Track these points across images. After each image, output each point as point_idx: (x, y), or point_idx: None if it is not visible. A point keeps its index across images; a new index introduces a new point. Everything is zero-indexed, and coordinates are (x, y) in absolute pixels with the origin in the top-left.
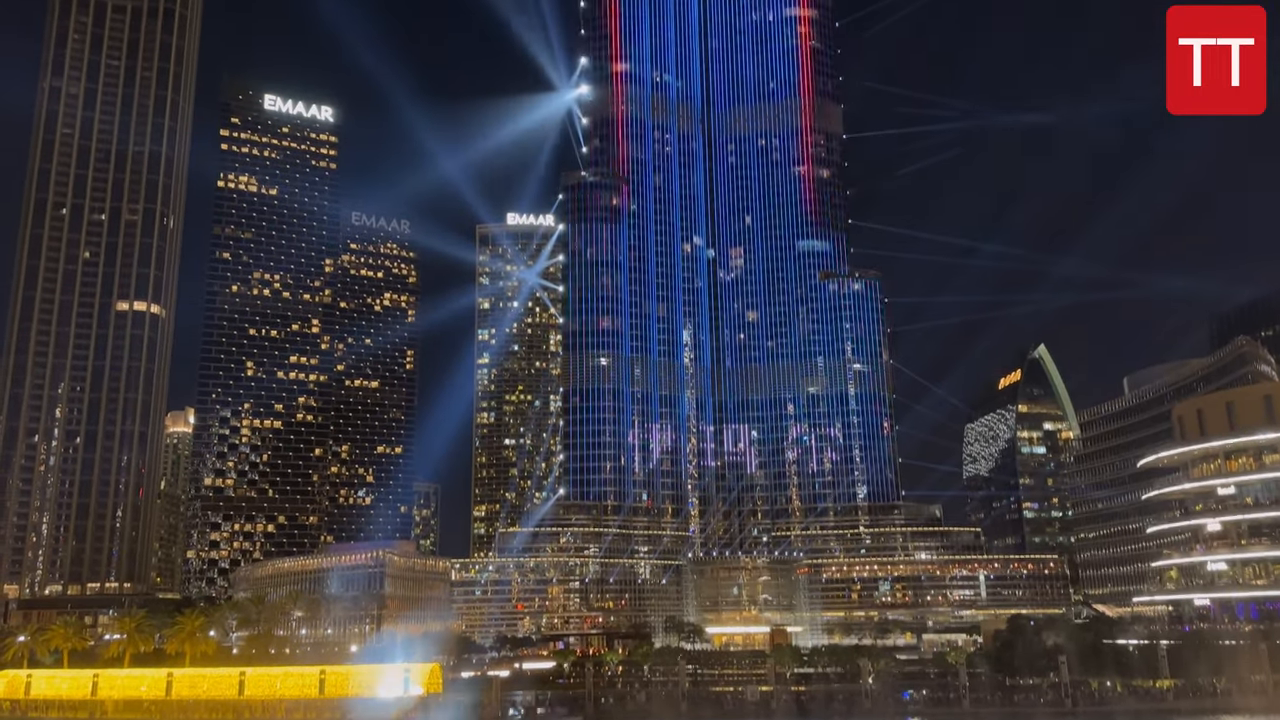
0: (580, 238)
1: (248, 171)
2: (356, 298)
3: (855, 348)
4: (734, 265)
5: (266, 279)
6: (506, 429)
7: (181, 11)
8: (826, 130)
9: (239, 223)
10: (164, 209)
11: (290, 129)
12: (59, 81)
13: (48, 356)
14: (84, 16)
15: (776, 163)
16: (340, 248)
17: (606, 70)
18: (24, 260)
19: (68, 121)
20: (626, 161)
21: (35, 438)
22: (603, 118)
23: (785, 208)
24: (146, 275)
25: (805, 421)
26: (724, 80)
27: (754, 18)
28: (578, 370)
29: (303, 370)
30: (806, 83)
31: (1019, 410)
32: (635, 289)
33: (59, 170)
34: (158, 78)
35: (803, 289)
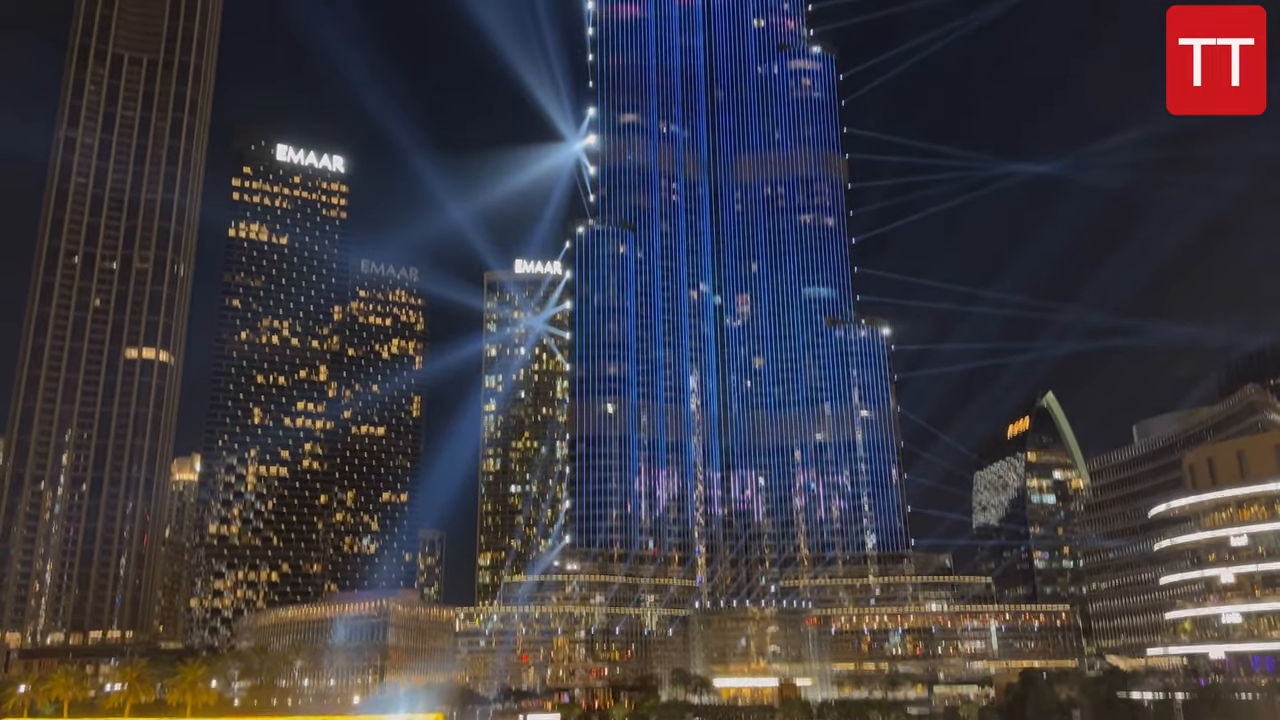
0: (588, 284)
1: (259, 220)
2: (364, 345)
3: (862, 394)
4: (740, 312)
5: (275, 326)
6: (513, 476)
7: (196, 64)
8: (831, 179)
9: (249, 270)
10: (175, 257)
11: (302, 178)
12: (74, 132)
13: (55, 403)
14: (100, 69)
15: (782, 210)
16: (349, 295)
17: (614, 121)
18: (35, 308)
19: (82, 171)
20: (634, 209)
21: (41, 484)
22: (610, 167)
23: (791, 255)
24: (156, 323)
25: (813, 468)
26: (730, 130)
27: (759, 70)
28: (584, 417)
29: (309, 417)
30: (811, 133)
31: (1028, 458)
32: (642, 335)
33: (72, 219)
34: (171, 128)
35: (809, 335)
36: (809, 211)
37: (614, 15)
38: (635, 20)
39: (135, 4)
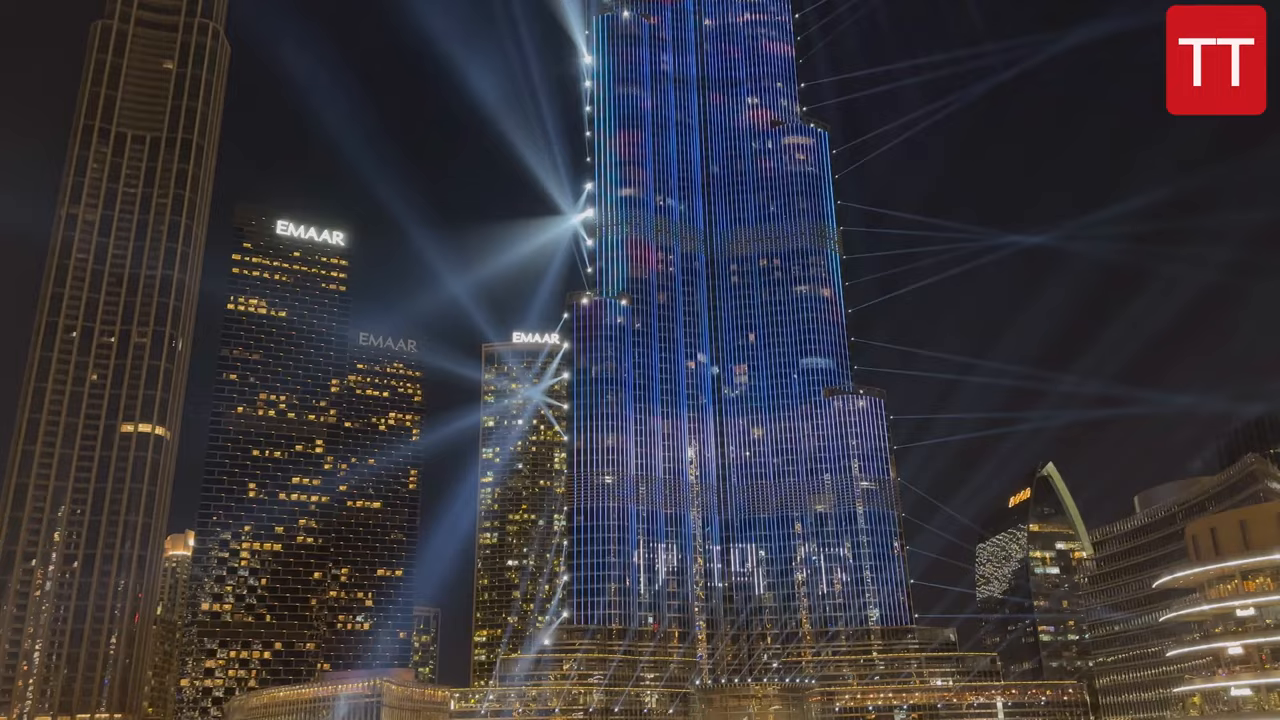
0: (585, 356)
1: (258, 294)
2: (361, 417)
3: (862, 465)
4: (738, 382)
5: (272, 400)
6: (509, 550)
7: (199, 141)
8: (826, 251)
9: (247, 345)
10: (173, 331)
11: (301, 253)
12: (76, 208)
13: (49, 479)
14: (104, 147)
15: (778, 282)
16: (347, 368)
17: (611, 195)
18: (31, 382)
19: (82, 247)
20: (631, 281)
21: (33, 562)
22: (608, 239)
23: (788, 326)
24: (153, 397)
25: (814, 541)
26: (726, 203)
27: (754, 146)
28: (582, 488)
29: (305, 491)
30: (805, 206)
31: (1030, 529)
32: (640, 406)
33: (71, 294)
34: (173, 204)
35: (807, 406)
36: (805, 283)
37: (611, 94)
38: (632, 98)
39: (140, 83)
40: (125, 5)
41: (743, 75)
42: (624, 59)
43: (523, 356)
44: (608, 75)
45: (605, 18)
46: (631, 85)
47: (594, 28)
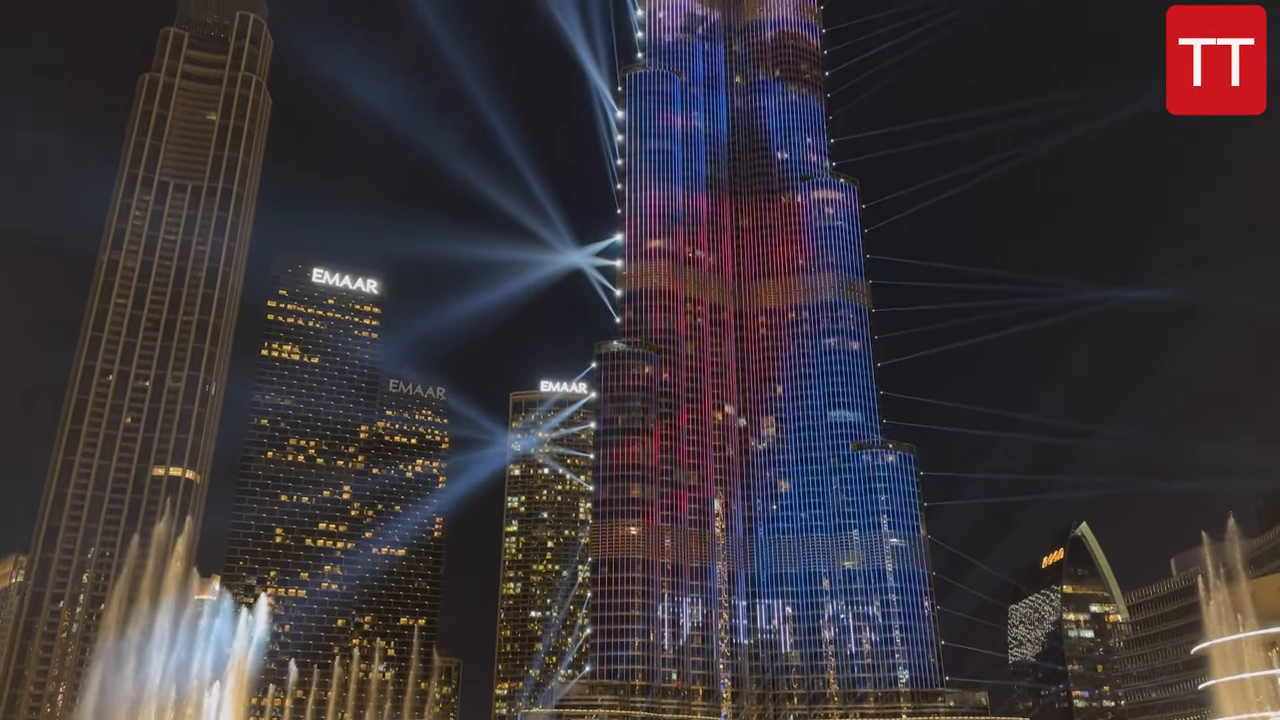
0: (612, 405)
1: (292, 341)
2: (389, 464)
3: (891, 521)
4: (765, 434)
5: (302, 445)
6: (533, 601)
7: (239, 191)
8: (855, 305)
9: (279, 390)
10: (208, 376)
11: (336, 300)
12: (117, 254)
13: (80, 521)
14: (146, 195)
15: (807, 334)
16: (376, 415)
17: (640, 246)
18: (67, 424)
19: (121, 292)
20: (659, 331)
21: (60, 604)
22: (636, 289)
23: (816, 379)
24: (185, 441)
25: (842, 598)
26: (754, 255)
27: (783, 199)
28: (607, 540)
29: (331, 538)
30: (834, 259)
31: (1064, 591)
32: (666, 457)
33: (109, 337)
34: (211, 251)
35: (835, 459)
36: (834, 335)
37: (642, 147)
38: (662, 152)
39: (184, 134)
40: (173, 59)
41: (773, 129)
42: (654, 114)
43: (550, 405)
44: (638, 129)
45: (636, 74)
46: (662, 139)
47: (626, 84)
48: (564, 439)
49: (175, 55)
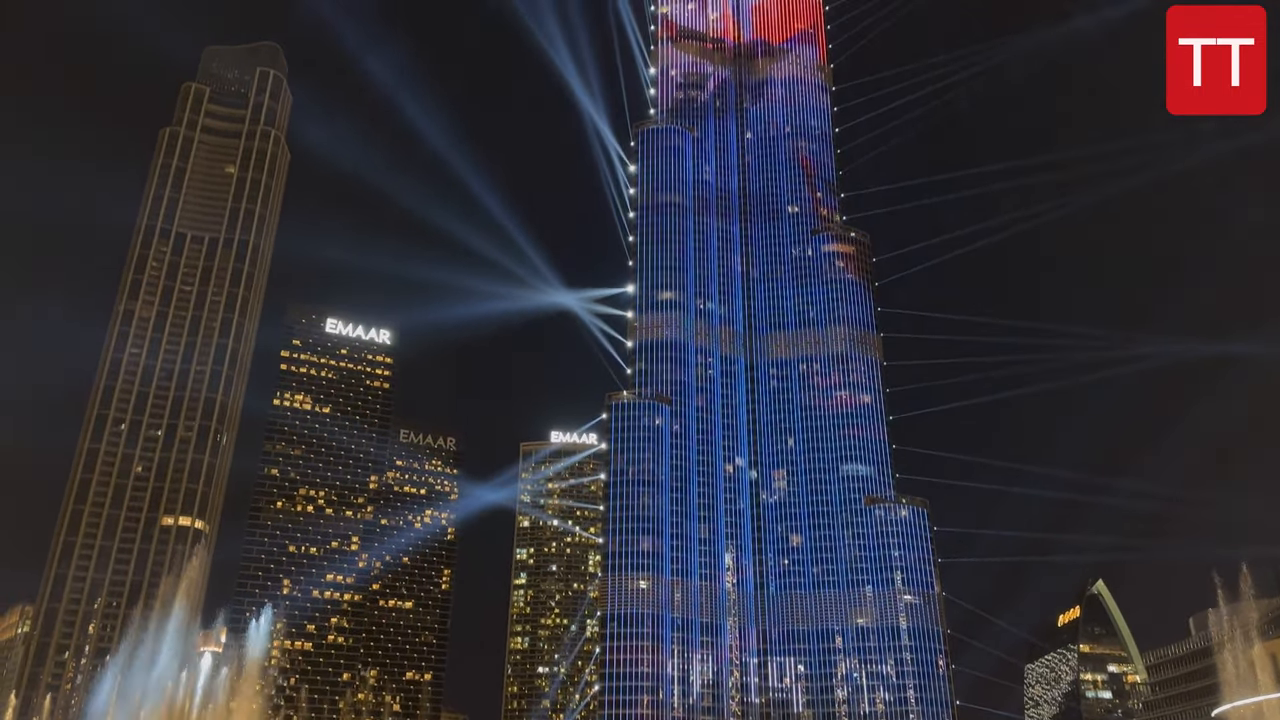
0: (623, 457)
1: (304, 390)
2: (398, 515)
3: (905, 577)
4: (777, 487)
5: (311, 495)
6: (540, 656)
7: (255, 242)
8: (867, 357)
9: (290, 439)
10: (219, 426)
11: (349, 350)
12: (133, 304)
13: (88, 571)
14: (164, 246)
15: (818, 386)
16: (386, 465)
17: (652, 297)
18: (78, 473)
19: (136, 342)
20: (670, 383)
21: (65, 654)
22: (647, 341)
23: (827, 431)
24: (195, 491)
25: (855, 656)
26: (765, 307)
27: (794, 252)
28: (616, 593)
29: (338, 589)
30: (845, 312)
31: (1081, 650)
32: (676, 510)
33: (123, 387)
34: (226, 301)
35: (848, 514)
36: (845, 388)
37: (653, 201)
38: (674, 205)
39: (202, 186)
40: (193, 114)
41: (783, 183)
42: (666, 168)
43: (560, 456)
44: (650, 183)
45: (649, 130)
46: (673, 193)
47: (638, 138)
48: (573, 490)
49: (196, 110)
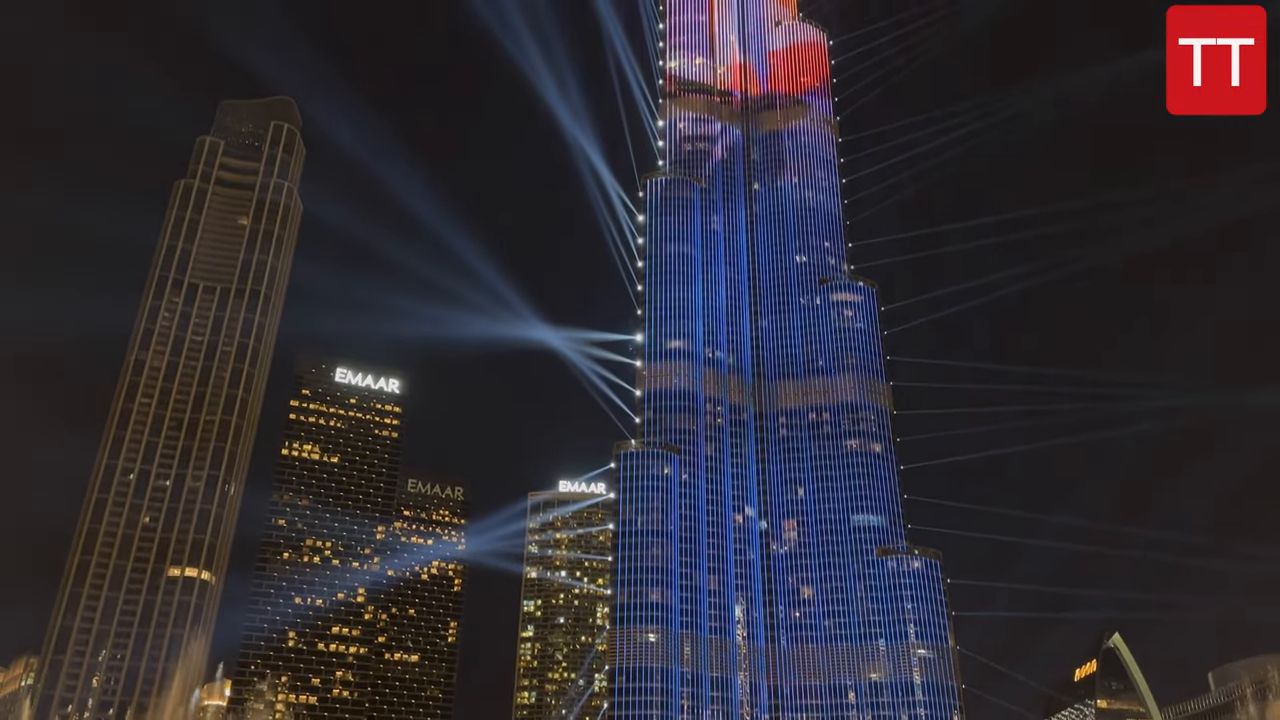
0: (631, 507)
1: (313, 440)
2: (405, 565)
3: (918, 631)
4: (787, 538)
5: (318, 546)
6: (548, 710)
7: (266, 292)
8: (876, 406)
9: (298, 490)
10: (227, 476)
11: (358, 399)
12: (144, 355)
13: (93, 622)
14: (176, 297)
15: (828, 436)
16: (394, 514)
17: (660, 346)
18: (85, 524)
19: (147, 391)
20: (678, 432)
21: (69, 708)
22: (655, 389)
23: (838, 480)
24: (202, 541)
25: (869, 712)
26: (774, 356)
27: (802, 301)
28: (625, 647)
29: (344, 642)
30: (854, 361)
31: (1098, 705)
32: (686, 561)
33: (132, 437)
34: (236, 352)
35: (859, 565)
36: (855, 437)
37: (662, 251)
38: (682, 255)
39: (215, 238)
40: (207, 166)
41: (790, 234)
42: (674, 219)
43: (568, 505)
44: (659, 234)
45: (657, 181)
46: (682, 243)
47: (646, 189)
48: (581, 541)
49: (210, 162)
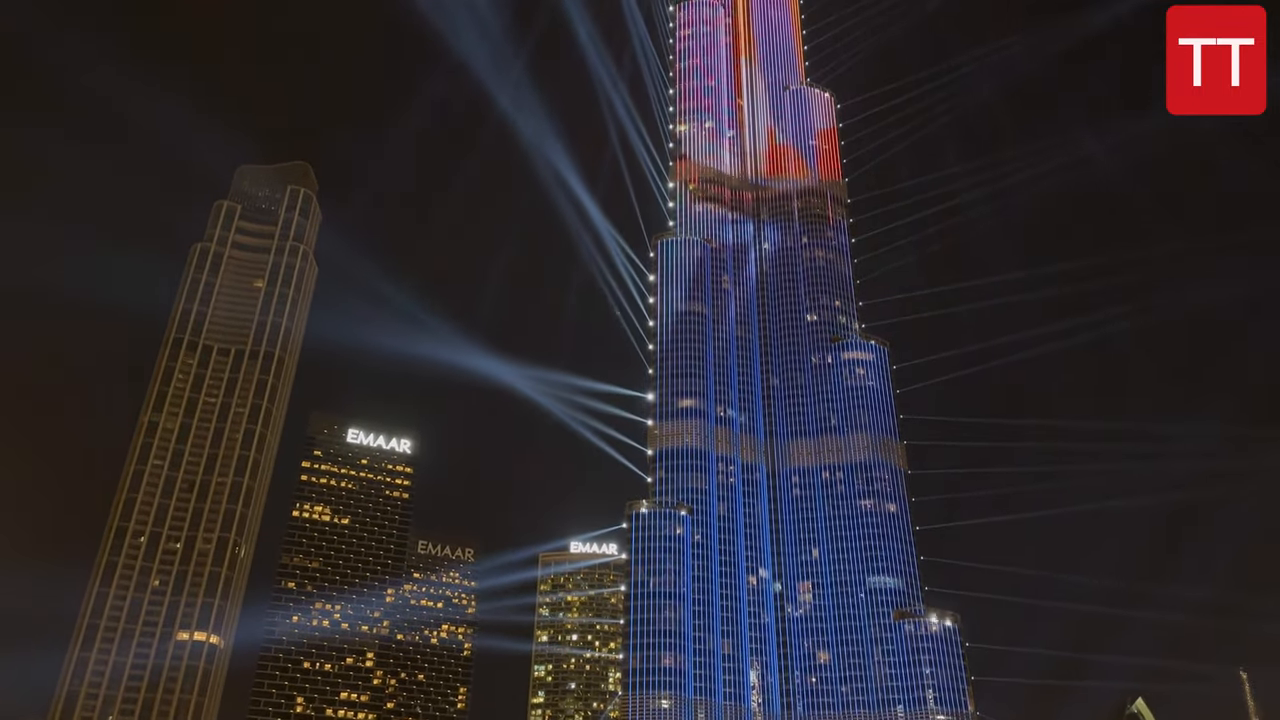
0: (643, 568)
1: (324, 502)
2: (414, 629)
3: (938, 697)
4: (802, 601)
5: (327, 609)
6: None
7: (280, 355)
8: (890, 465)
9: (307, 552)
10: (238, 539)
11: (369, 460)
12: (157, 416)
13: (100, 687)
14: (190, 359)
15: (841, 495)
16: (404, 577)
17: (672, 405)
18: (95, 587)
19: (159, 454)
20: (691, 492)
21: None
22: (667, 449)
23: (853, 541)
24: (211, 605)
25: None
26: (786, 415)
27: (814, 360)
28: (637, 713)
29: (352, 707)
30: (867, 420)
31: None
32: (699, 624)
33: (144, 500)
34: (250, 414)
35: (876, 629)
36: (869, 497)
37: (673, 310)
38: (694, 315)
39: (231, 300)
40: (224, 230)
41: (801, 293)
42: (686, 278)
43: (580, 567)
44: (670, 293)
45: (669, 241)
46: (693, 303)
47: (657, 249)
48: (593, 603)
49: (227, 226)
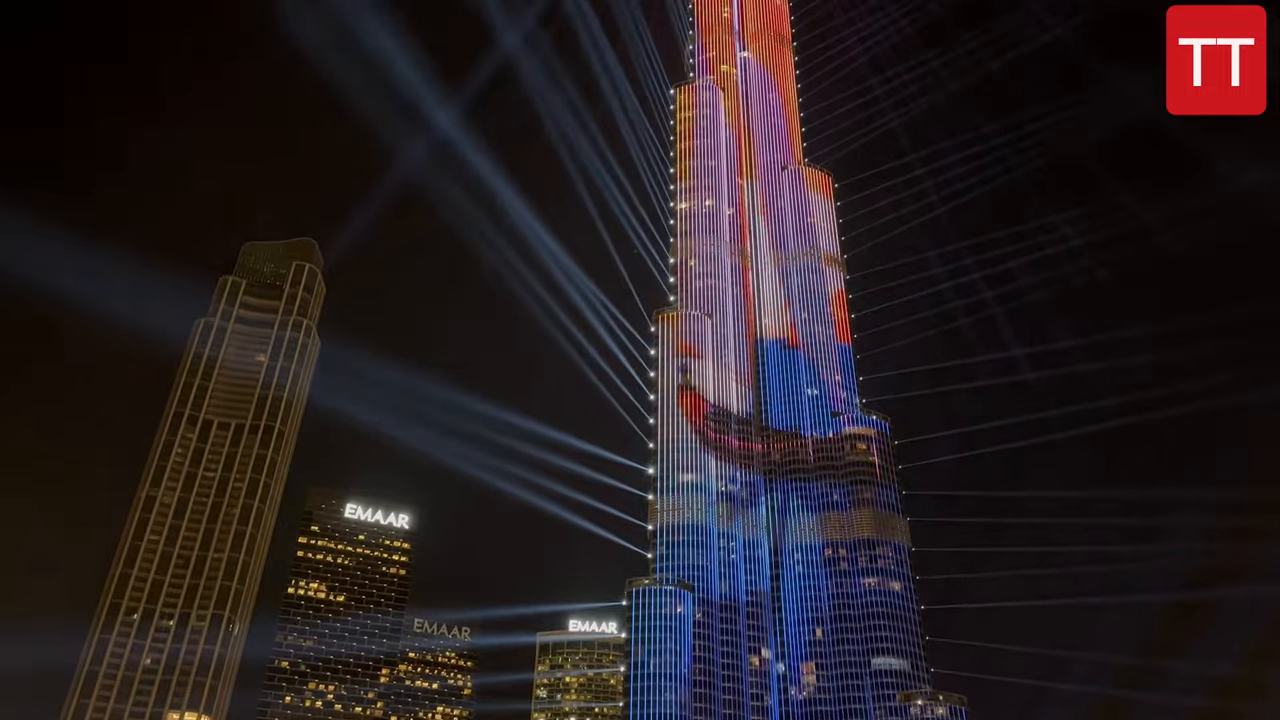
0: (643, 648)
1: (319, 578)
2: (409, 710)
3: None
4: (806, 682)
5: (321, 689)
6: None
7: (280, 429)
8: (894, 542)
9: (302, 630)
10: (232, 615)
11: (366, 535)
12: (155, 491)
13: None
14: (190, 433)
15: (845, 573)
16: (398, 657)
17: (672, 480)
18: (85, 666)
19: (155, 529)
20: (692, 568)
21: None
22: (668, 524)
23: (856, 620)
24: (203, 684)
25: None
26: (788, 491)
27: (814, 436)
28: None
29: None
30: (869, 495)
31: None
32: (701, 706)
33: (138, 576)
34: (248, 488)
35: (882, 711)
36: (873, 575)
37: (673, 384)
38: (693, 392)
39: (233, 374)
40: (229, 305)
41: (801, 369)
42: (686, 354)
43: (579, 646)
44: (670, 368)
45: (669, 315)
46: (692, 375)
47: (658, 324)
48: (592, 684)
49: (231, 301)
